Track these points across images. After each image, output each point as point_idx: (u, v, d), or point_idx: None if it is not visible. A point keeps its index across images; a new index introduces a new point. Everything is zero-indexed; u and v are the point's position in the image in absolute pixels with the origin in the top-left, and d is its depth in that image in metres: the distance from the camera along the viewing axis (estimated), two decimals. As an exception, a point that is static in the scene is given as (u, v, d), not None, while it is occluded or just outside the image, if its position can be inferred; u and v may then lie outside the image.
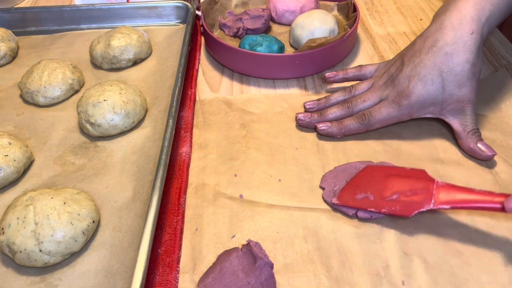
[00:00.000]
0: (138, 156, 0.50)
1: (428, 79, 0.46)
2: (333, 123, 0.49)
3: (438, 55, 0.45)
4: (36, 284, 0.39)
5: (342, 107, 0.51)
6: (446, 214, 0.43)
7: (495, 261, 0.39)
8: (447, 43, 0.45)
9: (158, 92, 0.59)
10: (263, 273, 0.37)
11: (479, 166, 0.47)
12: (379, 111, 0.48)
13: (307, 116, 0.51)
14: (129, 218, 0.44)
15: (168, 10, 0.72)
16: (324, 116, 0.51)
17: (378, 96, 0.49)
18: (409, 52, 0.48)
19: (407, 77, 0.47)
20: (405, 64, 0.48)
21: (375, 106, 0.49)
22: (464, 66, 0.45)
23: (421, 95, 0.46)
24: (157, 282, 0.39)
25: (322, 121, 0.51)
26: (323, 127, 0.49)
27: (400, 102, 0.47)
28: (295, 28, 0.64)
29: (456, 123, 0.47)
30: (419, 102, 0.47)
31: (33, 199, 0.41)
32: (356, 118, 0.49)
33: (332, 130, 0.49)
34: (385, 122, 0.49)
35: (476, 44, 0.45)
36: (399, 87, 0.47)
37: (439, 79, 0.45)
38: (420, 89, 0.46)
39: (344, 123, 0.49)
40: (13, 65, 0.66)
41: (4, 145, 0.48)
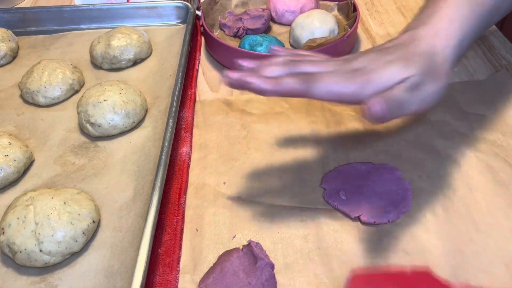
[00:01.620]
0: (138, 156, 0.50)
1: (392, 61, 0.39)
2: (268, 80, 0.37)
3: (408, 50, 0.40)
4: (36, 284, 0.39)
5: (283, 66, 0.39)
6: (445, 213, 0.43)
7: (495, 261, 0.39)
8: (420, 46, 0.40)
9: (158, 92, 0.59)
10: (264, 273, 0.37)
11: (479, 166, 0.47)
12: (330, 78, 0.37)
13: (239, 72, 0.38)
14: (129, 218, 0.44)
15: (168, 10, 0.72)
16: (259, 74, 0.39)
17: (333, 66, 0.40)
18: (378, 47, 0.42)
19: (368, 59, 0.39)
20: (370, 51, 0.41)
21: (325, 71, 0.39)
22: (431, 64, 0.39)
23: (379, 73, 0.38)
24: (157, 282, 0.39)
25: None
26: (254, 81, 0.37)
27: (355, 77, 0.38)
28: (295, 28, 0.64)
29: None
30: (373, 82, 0.38)
31: (33, 199, 0.41)
32: (297, 77, 0.38)
33: (263, 85, 0.37)
34: (333, 95, 0.37)
35: (448, 58, 0.40)
36: (358, 65, 0.39)
37: (403, 61, 0.38)
38: (381, 68, 0.38)
39: (282, 80, 0.37)
40: (13, 65, 0.66)
41: (4, 145, 0.48)
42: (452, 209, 0.43)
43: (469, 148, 0.49)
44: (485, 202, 0.44)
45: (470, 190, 0.45)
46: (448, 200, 0.44)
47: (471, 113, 0.53)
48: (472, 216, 0.42)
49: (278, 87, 0.37)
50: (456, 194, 0.44)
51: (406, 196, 0.44)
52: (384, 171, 0.47)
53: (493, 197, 0.44)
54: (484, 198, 0.44)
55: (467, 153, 0.48)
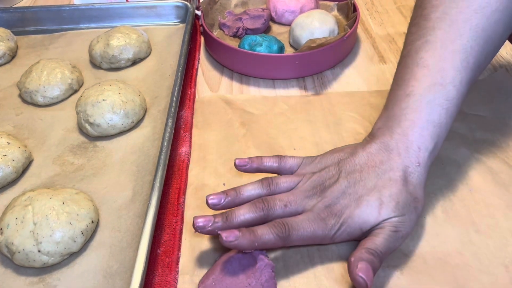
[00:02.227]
0: (137, 156, 0.50)
1: (364, 200, 0.38)
2: (243, 233, 0.36)
3: (381, 178, 0.39)
4: (34, 284, 0.39)
5: (255, 208, 0.39)
6: (445, 214, 0.43)
7: (495, 262, 0.39)
8: (392, 168, 0.39)
9: (158, 92, 0.58)
10: (264, 274, 0.37)
11: (478, 168, 0.47)
12: (303, 226, 0.37)
13: (209, 221, 0.38)
14: (128, 218, 0.44)
15: (168, 10, 0.72)
16: (230, 220, 0.38)
17: (302, 204, 0.39)
18: (348, 164, 0.40)
19: (341, 192, 0.39)
20: (341, 177, 0.40)
21: (297, 216, 0.38)
22: (407, 197, 0.38)
23: (353, 217, 0.38)
24: (156, 282, 0.39)
25: (227, 227, 0.38)
26: (230, 239, 0.36)
27: (327, 220, 0.38)
28: (295, 28, 0.64)
29: (367, 240, 0.38)
30: (346, 224, 0.38)
31: (32, 199, 0.41)
32: (273, 228, 0.37)
33: (241, 243, 0.36)
34: (307, 241, 0.38)
35: (420, 178, 0.39)
36: (329, 201, 0.39)
37: (377, 203, 0.38)
38: (353, 210, 0.38)
39: (258, 233, 0.37)
40: (12, 65, 0.65)
41: (3, 145, 0.48)
42: (451, 210, 0.43)
43: (468, 149, 0.49)
44: (485, 203, 0.43)
45: (470, 191, 0.45)
46: (447, 201, 0.44)
47: (470, 114, 0.53)
48: (471, 217, 0.42)
49: (258, 243, 0.37)
50: (456, 195, 0.44)
51: None
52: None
53: (492, 198, 0.44)
54: (484, 199, 0.44)
55: (467, 154, 0.48)
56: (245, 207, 0.39)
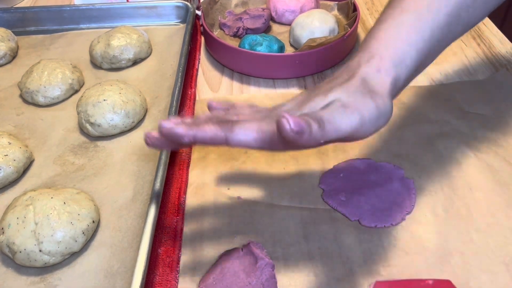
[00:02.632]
0: (138, 156, 0.50)
1: (316, 94, 0.36)
2: (183, 121, 0.35)
3: (337, 80, 0.38)
4: (36, 284, 0.39)
5: (211, 119, 0.36)
6: (445, 213, 0.43)
7: (495, 261, 0.39)
8: (349, 74, 0.37)
9: (158, 92, 0.58)
10: (264, 273, 0.37)
11: (479, 166, 0.47)
12: (249, 123, 0.34)
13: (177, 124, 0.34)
14: (129, 218, 0.44)
15: (168, 10, 0.72)
16: (195, 124, 0.35)
17: (258, 113, 0.37)
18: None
19: (298, 99, 0.37)
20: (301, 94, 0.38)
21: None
22: (360, 87, 0.36)
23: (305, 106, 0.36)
24: (157, 282, 0.39)
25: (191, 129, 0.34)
26: (166, 125, 0.34)
27: (274, 118, 0.34)
28: (295, 27, 0.64)
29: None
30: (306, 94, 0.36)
31: (33, 199, 0.41)
32: (218, 124, 0.34)
33: (178, 129, 0.34)
34: (250, 141, 0.33)
35: (382, 84, 0.36)
36: (284, 107, 0.37)
37: (327, 90, 0.36)
38: (305, 101, 0.36)
39: (202, 126, 0.34)
40: (13, 65, 0.66)
41: (4, 145, 0.48)
42: (452, 208, 0.43)
43: (469, 147, 0.49)
44: (485, 201, 0.43)
45: (470, 189, 0.45)
46: (448, 200, 0.44)
47: (471, 112, 0.53)
48: (472, 216, 0.42)
49: (197, 130, 0.34)
50: (456, 193, 0.44)
51: (410, 197, 0.44)
52: (385, 170, 0.46)
53: (493, 196, 0.44)
54: (484, 198, 0.44)
55: (468, 153, 0.48)
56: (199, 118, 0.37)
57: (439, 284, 0.35)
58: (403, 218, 0.42)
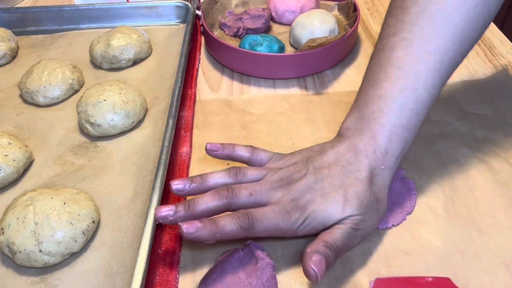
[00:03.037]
0: (138, 156, 0.50)
1: (330, 197, 0.38)
2: (205, 224, 0.36)
3: (348, 177, 0.39)
4: (36, 284, 0.39)
5: (219, 196, 0.38)
6: (446, 213, 0.43)
7: (496, 261, 0.39)
8: (359, 169, 0.39)
9: (158, 92, 0.58)
10: (265, 273, 0.37)
11: (479, 166, 0.47)
12: (267, 218, 0.37)
13: (170, 210, 0.37)
14: (129, 218, 0.44)
15: (168, 10, 0.72)
16: (192, 209, 0.38)
17: (268, 196, 0.39)
18: (317, 161, 0.40)
19: (307, 187, 0.39)
20: (309, 172, 0.40)
21: (261, 208, 0.38)
22: (371, 197, 0.38)
23: (317, 211, 0.38)
24: (157, 282, 0.39)
25: (190, 216, 0.37)
26: (191, 231, 0.35)
27: (291, 213, 0.37)
28: (295, 27, 0.64)
29: (325, 233, 0.38)
30: (310, 218, 0.38)
31: (33, 199, 0.41)
32: (236, 219, 0.36)
33: (202, 234, 0.35)
34: (270, 233, 0.37)
35: (384, 180, 0.40)
36: (295, 195, 0.38)
37: (342, 199, 0.38)
38: (318, 205, 0.38)
39: (220, 224, 0.36)
40: (13, 65, 0.66)
41: (4, 145, 0.48)
42: (452, 209, 0.43)
43: (470, 148, 0.49)
44: (486, 202, 0.43)
45: (471, 190, 0.45)
46: (448, 200, 0.44)
47: (471, 113, 0.53)
48: (472, 216, 0.42)
49: (220, 234, 0.36)
50: (457, 194, 0.44)
51: (410, 197, 0.44)
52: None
53: (493, 197, 0.44)
54: (485, 198, 0.44)
55: (468, 153, 0.48)
56: (208, 194, 0.38)
57: (439, 281, 0.35)
58: (403, 219, 0.42)
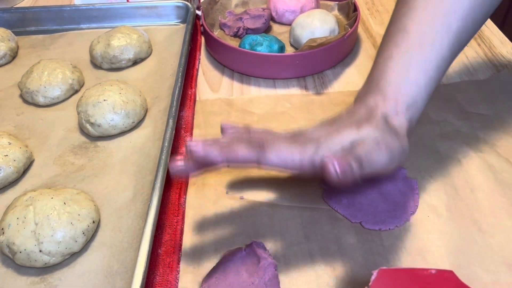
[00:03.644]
0: (138, 156, 0.50)
1: (345, 127, 0.38)
2: (213, 143, 0.35)
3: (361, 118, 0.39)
4: (36, 284, 0.39)
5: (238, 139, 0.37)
6: (447, 213, 0.43)
7: (498, 261, 0.39)
8: (372, 115, 0.39)
9: (158, 92, 0.58)
10: (267, 273, 0.37)
11: (481, 166, 0.47)
12: (280, 146, 0.36)
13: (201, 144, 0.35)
14: (129, 218, 0.44)
15: (168, 10, 0.72)
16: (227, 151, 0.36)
17: (284, 136, 0.38)
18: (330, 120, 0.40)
19: (319, 128, 0.39)
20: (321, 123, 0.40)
21: (277, 138, 0.37)
22: (386, 127, 0.38)
23: (331, 137, 0.37)
24: (157, 282, 0.39)
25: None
26: (198, 148, 0.34)
27: (306, 144, 0.36)
28: (296, 27, 0.64)
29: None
30: (324, 144, 0.37)
31: (33, 199, 0.41)
32: (249, 143, 0.36)
33: (210, 151, 0.35)
34: (283, 162, 0.36)
35: (401, 125, 0.39)
36: (309, 135, 0.38)
37: (356, 125, 0.38)
38: (331, 133, 0.37)
39: (233, 147, 0.35)
40: (13, 65, 0.66)
41: (4, 145, 0.48)
42: (454, 209, 0.43)
43: (471, 148, 0.49)
44: (488, 202, 0.43)
45: (472, 190, 0.44)
46: (450, 200, 0.44)
47: (473, 112, 0.53)
48: (474, 216, 0.42)
49: (229, 154, 0.35)
50: (459, 194, 0.44)
51: (413, 197, 0.43)
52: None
53: (495, 197, 0.44)
54: (487, 198, 0.44)
55: (469, 153, 0.48)
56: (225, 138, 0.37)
57: (442, 273, 0.35)
58: (407, 220, 0.42)
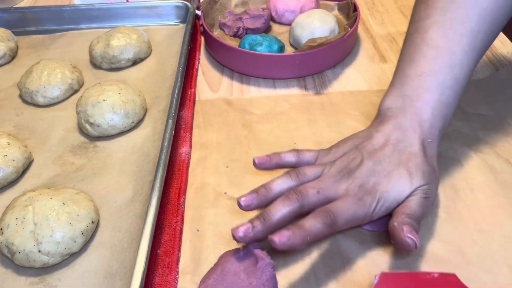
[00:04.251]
0: (138, 156, 0.50)
1: (394, 174, 0.39)
2: (293, 231, 0.35)
3: (403, 154, 0.40)
4: (35, 284, 0.39)
5: (290, 201, 0.38)
6: (447, 214, 0.43)
7: (498, 262, 0.39)
8: (411, 144, 0.41)
9: (158, 92, 0.58)
10: (265, 273, 0.37)
11: (481, 167, 0.47)
12: (343, 209, 0.37)
13: (248, 228, 0.37)
14: (128, 218, 0.43)
15: (168, 10, 0.72)
16: (268, 220, 0.37)
17: (334, 189, 0.39)
18: (367, 146, 0.41)
19: (369, 171, 0.39)
20: (365, 157, 0.40)
21: (335, 202, 0.38)
22: (429, 167, 0.40)
23: (388, 191, 0.39)
24: (156, 283, 0.39)
25: (268, 228, 0.37)
26: (284, 240, 0.35)
27: (364, 199, 0.38)
28: (295, 27, 0.64)
29: (403, 206, 0.39)
30: (383, 199, 0.39)
31: (32, 199, 0.41)
32: (318, 218, 0.36)
33: (294, 241, 0.35)
34: (351, 223, 0.38)
35: (433, 152, 0.41)
36: (361, 181, 0.39)
37: (407, 174, 0.39)
38: (386, 185, 0.39)
39: (306, 227, 0.36)
40: (13, 65, 0.65)
41: (3, 145, 0.48)
42: (454, 210, 0.43)
43: (471, 148, 0.49)
44: (488, 203, 0.43)
45: (472, 191, 0.44)
46: (450, 201, 0.44)
47: (472, 113, 0.53)
48: (474, 217, 0.42)
49: (310, 237, 0.36)
50: (458, 195, 0.44)
51: None
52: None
53: (495, 198, 0.44)
54: (487, 199, 0.43)
55: (469, 154, 0.48)
56: (279, 202, 0.38)
57: (445, 277, 0.35)
58: None
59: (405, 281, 0.34)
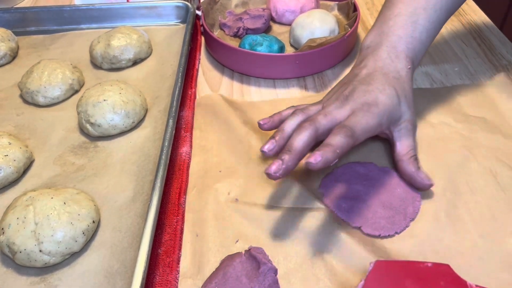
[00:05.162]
0: (138, 156, 0.50)
1: (387, 92, 0.44)
2: (324, 150, 0.38)
3: (388, 77, 0.45)
4: (36, 284, 0.39)
5: (304, 129, 0.41)
6: (447, 218, 0.43)
7: (498, 265, 0.39)
8: (392, 70, 0.46)
9: (158, 92, 0.58)
10: (267, 278, 0.36)
11: (480, 170, 0.46)
12: (357, 121, 0.41)
13: (279, 163, 0.39)
14: (129, 218, 0.44)
15: (168, 10, 0.72)
16: (294, 150, 0.40)
17: (339, 112, 0.43)
18: (356, 78, 0.46)
19: (365, 92, 0.44)
20: (357, 85, 0.45)
21: (347, 118, 0.42)
22: (410, 91, 0.46)
23: (387, 104, 0.43)
24: (157, 282, 0.39)
25: (295, 156, 0.39)
26: (319, 159, 0.37)
27: (371, 110, 0.43)
28: (295, 28, 0.64)
29: (402, 145, 0.45)
30: (386, 111, 0.43)
31: (33, 199, 0.41)
32: (339, 133, 0.40)
33: (327, 156, 0.38)
34: (368, 132, 0.42)
35: (410, 76, 0.47)
36: (361, 100, 0.43)
37: (395, 94, 0.44)
38: (384, 99, 0.43)
39: (333, 143, 0.39)
40: (13, 65, 0.66)
41: (4, 145, 0.48)
42: (454, 213, 0.43)
43: (470, 151, 0.48)
44: (487, 206, 0.43)
45: (472, 194, 0.44)
46: (450, 205, 0.43)
47: (472, 115, 0.53)
48: (474, 221, 0.42)
49: (339, 150, 0.39)
50: (458, 198, 0.44)
51: (414, 204, 0.43)
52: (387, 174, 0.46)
53: (495, 201, 0.43)
54: (486, 202, 0.43)
55: (469, 156, 0.48)
56: (296, 133, 0.41)
57: (438, 267, 0.35)
58: (407, 226, 0.42)
59: (399, 269, 0.35)
